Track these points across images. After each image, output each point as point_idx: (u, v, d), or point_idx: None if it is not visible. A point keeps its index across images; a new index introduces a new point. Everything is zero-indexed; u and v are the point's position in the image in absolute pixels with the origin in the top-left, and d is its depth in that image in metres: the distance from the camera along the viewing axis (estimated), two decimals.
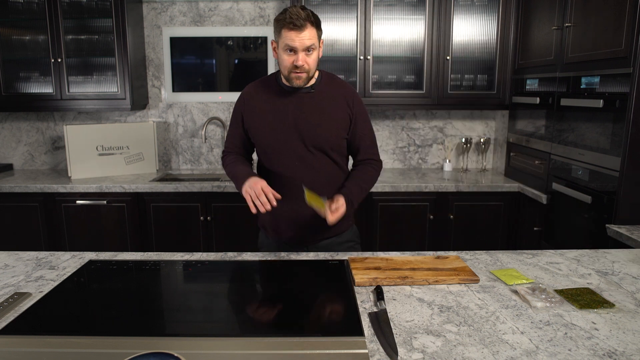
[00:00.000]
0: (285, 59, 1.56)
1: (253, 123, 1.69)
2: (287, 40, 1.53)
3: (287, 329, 1.11)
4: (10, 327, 1.09)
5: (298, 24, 1.50)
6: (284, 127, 1.65)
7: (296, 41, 1.52)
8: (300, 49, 1.53)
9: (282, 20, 1.53)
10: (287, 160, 1.66)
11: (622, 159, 1.93)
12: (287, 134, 1.64)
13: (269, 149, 1.69)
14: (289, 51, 1.54)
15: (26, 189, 2.81)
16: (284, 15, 1.52)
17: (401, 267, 1.42)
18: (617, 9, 1.95)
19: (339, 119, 1.68)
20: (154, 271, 1.45)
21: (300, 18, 1.50)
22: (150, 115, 3.38)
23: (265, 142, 1.68)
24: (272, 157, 1.69)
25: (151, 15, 3.26)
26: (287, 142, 1.65)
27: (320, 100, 1.67)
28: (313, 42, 1.54)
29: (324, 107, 1.67)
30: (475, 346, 1.02)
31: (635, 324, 1.11)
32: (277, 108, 1.66)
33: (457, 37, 2.97)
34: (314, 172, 1.66)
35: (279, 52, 1.59)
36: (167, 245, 2.88)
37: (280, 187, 1.61)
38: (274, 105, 1.67)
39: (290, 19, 1.50)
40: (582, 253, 1.60)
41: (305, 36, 1.52)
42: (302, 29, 1.51)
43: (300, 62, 1.54)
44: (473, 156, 3.42)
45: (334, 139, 1.68)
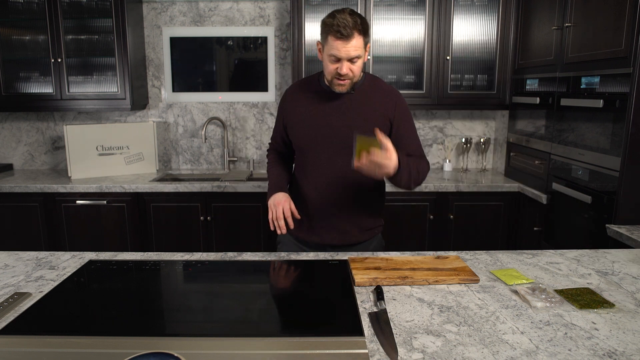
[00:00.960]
0: (329, 65, 1.54)
1: (290, 122, 1.71)
2: (333, 49, 1.50)
3: (287, 329, 1.11)
4: (10, 327, 1.09)
5: (345, 33, 1.46)
6: (318, 127, 1.64)
7: (342, 51, 1.49)
8: (345, 59, 1.50)
9: (329, 26, 1.48)
10: (323, 161, 1.66)
11: (622, 159, 1.93)
12: (320, 134, 1.64)
13: (304, 148, 1.70)
14: (334, 59, 1.52)
15: (26, 189, 2.81)
16: (331, 21, 1.48)
17: (401, 267, 1.42)
18: (617, 9, 1.95)
19: (375, 122, 1.62)
20: (154, 271, 1.45)
21: (348, 27, 1.45)
22: (150, 115, 3.38)
23: (300, 141, 1.70)
24: (307, 156, 1.70)
25: (151, 15, 3.26)
26: (320, 142, 1.65)
27: (360, 103, 1.64)
28: (359, 52, 1.51)
29: (362, 109, 1.64)
30: (475, 346, 1.02)
31: (635, 324, 1.11)
32: (315, 108, 1.66)
33: (457, 37, 2.97)
34: (342, 174, 1.65)
35: (324, 57, 1.56)
36: (167, 245, 2.88)
37: (314, 186, 1.68)
38: (312, 105, 1.67)
39: (338, 27, 1.45)
40: (582, 253, 1.60)
41: (351, 47, 1.48)
42: (349, 39, 1.47)
43: (344, 70, 1.52)
44: (473, 156, 3.42)
45: None
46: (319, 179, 1.69)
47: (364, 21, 1.51)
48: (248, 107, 3.37)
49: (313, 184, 1.70)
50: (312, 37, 2.97)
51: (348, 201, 1.69)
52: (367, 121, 1.63)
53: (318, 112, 1.65)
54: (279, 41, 3.28)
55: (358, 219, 1.73)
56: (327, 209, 1.69)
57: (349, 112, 1.64)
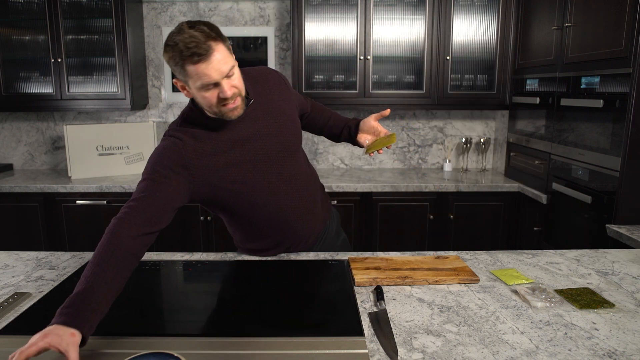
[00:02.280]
0: (207, 96, 1.21)
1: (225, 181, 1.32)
2: (200, 78, 1.17)
3: (287, 329, 1.11)
4: (10, 327, 1.09)
5: (202, 51, 1.14)
6: (252, 158, 1.35)
7: (212, 73, 1.16)
8: (220, 79, 1.18)
9: (177, 55, 1.15)
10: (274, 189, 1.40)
11: (622, 159, 1.93)
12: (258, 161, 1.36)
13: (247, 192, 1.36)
14: (209, 87, 1.19)
15: (26, 189, 2.81)
16: (175, 49, 1.14)
17: (401, 267, 1.42)
18: (617, 9, 1.95)
19: (290, 111, 1.47)
20: (154, 271, 1.45)
21: (200, 43, 1.13)
22: (150, 115, 3.38)
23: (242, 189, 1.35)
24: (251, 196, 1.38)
25: (151, 15, 3.26)
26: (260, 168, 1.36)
27: (263, 105, 1.40)
28: (229, 62, 1.19)
29: (272, 109, 1.41)
30: (475, 346, 1.02)
31: (635, 324, 1.11)
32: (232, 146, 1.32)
33: (457, 37, 2.97)
34: (296, 180, 1.46)
35: (194, 93, 1.23)
36: (167, 245, 2.88)
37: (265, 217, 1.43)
38: (226, 146, 1.32)
39: (189, 50, 1.13)
40: (582, 253, 1.60)
41: (217, 63, 1.16)
42: (209, 56, 1.15)
43: (228, 92, 1.20)
44: (473, 156, 3.42)
45: (298, 133, 1.49)
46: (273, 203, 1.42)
47: (210, 25, 1.18)
48: None
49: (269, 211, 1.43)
50: (312, 37, 2.97)
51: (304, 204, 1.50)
52: (286, 120, 1.44)
53: (238, 146, 1.33)
54: (279, 41, 3.28)
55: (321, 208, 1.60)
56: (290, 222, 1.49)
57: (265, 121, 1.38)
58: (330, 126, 1.69)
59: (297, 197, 1.47)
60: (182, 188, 1.27)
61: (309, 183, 1.53)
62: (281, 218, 1.46)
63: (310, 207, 1.53)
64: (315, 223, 1.58)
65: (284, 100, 1.46)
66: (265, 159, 1.37)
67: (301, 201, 1.48)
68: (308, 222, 1.54)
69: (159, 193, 1.23)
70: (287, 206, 1.45)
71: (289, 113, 1.46)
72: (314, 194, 1.55)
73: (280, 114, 1.42)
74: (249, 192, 1.37)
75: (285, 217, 1.46)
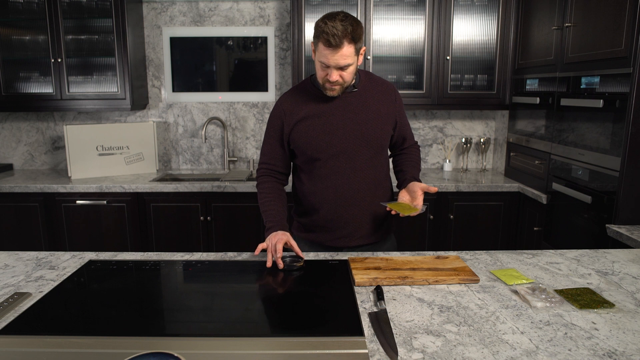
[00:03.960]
0: (320, 70, 1.52)
1: (299, 132, 1.62)
2: (321, 56, 1.47)
3: (287, 329, 1.11)
4: (10, 327, 1.09)
5: (334, 42, 1.41)
6: (333, 128, 1.60)
7: (330, 60, 1.46)
8: (334, 67, 1.47)
9: (319, 31, 1.45)
10: (335, 162, 1.62)
11: (622, 159, 1.93)
12: (337, 135, 1.60)
13: (318, 154, 1.61)
14: (324, 65, 1.49)
15: (26, 189, 2.81)
16: (321, 27, 1.44)
17: (401, 267, 1.42)
18: (617, 9, 1.95)
19: (384, 115, 1.66)
20: (154, 271, 1.45)
21: (337, 36, 1.40)
22: (150, 115, 3.38)
23: (315, 147, 1.61)
24: (319, 163, 1.63)
25: (151, 15, 3.26)
26: (337, 143, 1.60)
27: (365, 99, 1.64)
28: (348, 60, 1.47)
29: (370, 105, 1.64)
30: (475, 346, 1.02)
31: (635, 324, 1.11)
32: (323, 112, 1.60)
33: (457, 37, 2.97)
34: (361, 171, 1.64)
35: (316, 62, 1.53)
36: (167, 245, 2.88)
37: (328, 192, 1.63)
38: (318, 109, 1.61)
39: (327, 36, 1.41)
40: (582, 253, 1.60)
41: (340, 56, 1.44)
42: (337, 49, 1.43)
43: (333, 78, 1.49)
44: (473, 156, 3.42)
45: (382, 136, 1.66)
46: (337, 180, 1.63)
47: (356, 27, 1.45)
48: (248, 107, 3.37)
49: (331, 186, 1.64)
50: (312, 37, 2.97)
51: (368, 197, 1.66)
52: (377, 116, 1.64)
53: (326, 115, 1.60)
54: (279, 41, 3.28)
55: (377, 218, 1.72)
56: (348, 208, 1.65)
57: (359, 109, 1.62)
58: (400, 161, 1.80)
59: (355, 187, 1.63)
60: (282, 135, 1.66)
61: (373, 187, 1.67)
62: (333, 197, 1.64)
63: (364, 206, 1.66)
64: (361, 227, 1.68)
65: (386, 106, 1.67)
66: (340, 134, 1.60)
67: (358, 194, 1.64)
68: (354, 219, 1.67)
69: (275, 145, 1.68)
70: (343, 189, 1.63)
71: (382, 115, 1.66)
72: (371, 199, 1.67)
73: (374, 111, 1.64)
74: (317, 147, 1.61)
75: (337, 198, 1.63)
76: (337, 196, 1.64)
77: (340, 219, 1.66)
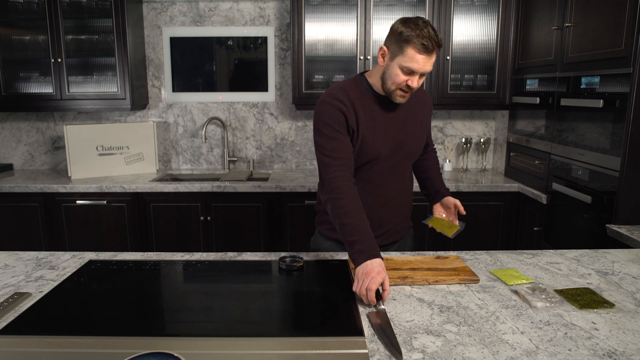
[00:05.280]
0: (400, 76, 1.45)
1: (365, 130, 1.55)
2: (411, 61, 1.41)
3: (287, 329, 1.11)
4: (10, 327, 1.09)
5: (431, 47, 1.39)
6: (382, 135, 1.57)
7: (421, 66, 1.42)
8: (421, 72, 1.44)
9: (411, 36, 1.39)
10: (377, 168, 1.60)
11: (622, 159, 1.93)
12: (381, 142, 1.57)
13: (364, 158, 1.57)
14: (407, 71, 1.43)
15: (26, 189, 2.81)
16: (414, 32, 1.39)
17: (401, 267, 1.42)
18: (617, 9, 1.95)
19: (424, 125, 1.69)
20: (154, 271, 1.45)
21: (433, 42, 1.39)
22: (150, 115, 3.38)
23: (377, 150, 1.56)
24: (363, 165, 1.60)
25: (151, 15, 3.26)
26: (380, 149, 1.57)
27: (410, 109, 1.63)
28: (430, 68, 1.46)
29: (414, 116, 1.65)
30: (475, 346, 1.02)
31: (635, 324, 1.11)
32: (377, 117, 1.57)
33: (457, 37, 2.97)
34: (399, 178, 1.66)
35: (392, 65, 1.46)
36: (167, 245, 2.88)
37: (366, 196, 1.59)
38: (370, 112, 1.56)
39: (422, 41, 1.38)
40: (582, 253, 1.60)
41: (430, 63, 1.43)
42: (431, 54, 1.41)
43: (415, 84, 1.46)
44: (473, 156, 3.42)
45: (421, 146, 1.69)
46: (374, 184, 1.62)
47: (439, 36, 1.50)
48: (248, 107, 3.37)
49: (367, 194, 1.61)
50: (312, 37, 2.97)
51: (398, 201, 1.69)
52: (418, 127, 1.66)
53: (377, 118, 1.57)
54: (279, 41, 3.28)
55: (405, 216, 1.76)
56: (380, 215, 1.65)
57: (404, 119, 1.62)
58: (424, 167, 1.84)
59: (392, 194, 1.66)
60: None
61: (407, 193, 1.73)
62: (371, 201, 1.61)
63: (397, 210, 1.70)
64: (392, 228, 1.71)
65: (424, 116, 1.70)
66: (388, 142, 1.58)
67: (394, 200, 1.67)
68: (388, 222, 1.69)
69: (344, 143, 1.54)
70: (381, 194, 1.63)
71: (423, 126, 1.69)
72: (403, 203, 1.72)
73: (417, 122, 1.66)
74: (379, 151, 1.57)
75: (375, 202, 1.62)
76: (375, 201, 1.62)
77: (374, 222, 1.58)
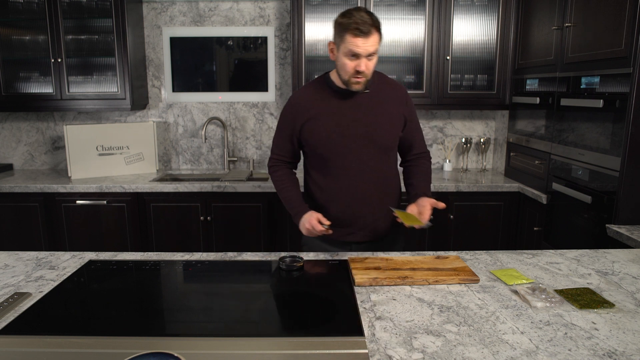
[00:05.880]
0: (348, 63, 1.54)
1: (309, 128, 1.66)
2: (351, 46, 1.51)
3: (287, 329, 1.11)
4: (10, 327, 1.09)
5: (365, 30, 1.48)
6: (342, 128, 1.63)
7: (361, 48, 1.50)
8: (364, 55, 1.52)
9: (346, 24, 1.50)
10: (344, 161, 1.65)
11: (622, 159, 1.93)
12: (346, 135, 1.63)
13: (328, 150, 1.65)
14: (352, 56, 1.53)
15: (26, 189, 2.81)
16: (348, 20, 1.49)
17: (401, 267, 1.42)
18: (616, 9, 1.95)
19: (394, 118, 1.69)
20: (154, 271, 1.45)
21: (366, 24, 1.48)
22: (150, 115, 3.38)
23: (325, 143, 1.65)
24: (330, 159, 1.66)
25: (151, 15, 3.25)
26: (346, 143, 1.64)
27: (376, 100, 1.67)
28: (376, 47, 1.54)
29: (380, 107, 1.67)
30: (475, 346, 1.02)
31: (635, 324, 1.11)
32: (334, 110, 1.64)
33: (457, 37, 2.97)
34: (369, 172, 1.68)
35: (339, 56, 1.56)
36: (167, 245, 2.88)
37: (338, 186, 1.67)
38: (330, 107, 1.65)
39: (357, 25, 1.47)
40: (582, 253, 1.60)
41: (369, 43, 1.51)
42: (368, 36, 1.49)
43: (362, 67, 1.53)
44: (473, 156, 3.42)
45: (391, 138, 1.70)
46: (346, 179, 1.67)
47: (378, 19, 1.56)
48: (248, 107, 3.37)
49: (340, 186, 1.68)
50: (312, 37, 2.97)
51: (376, 196, 1.70)
52: (386, 118, 1.67)
53: (338, 112, 1.64)
54: (279, 41, 3.28)
55: (385, 212, 1.73)
56: (357, 207, 1.69)
57: (369, 110, 1.66)
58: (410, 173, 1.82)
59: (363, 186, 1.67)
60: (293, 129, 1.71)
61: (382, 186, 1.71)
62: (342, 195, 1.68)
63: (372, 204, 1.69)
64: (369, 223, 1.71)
65: (395, 107, 1.70)
66: (349, 134, 1.63)
67: (366, 192, 1.68)
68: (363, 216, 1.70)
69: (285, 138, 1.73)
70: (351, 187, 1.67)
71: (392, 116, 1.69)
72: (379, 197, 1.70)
73: (383, 112, 1.67)
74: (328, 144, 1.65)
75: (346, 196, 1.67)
76: (346, 194, 1.68)
77: (349, 216, 1.70)
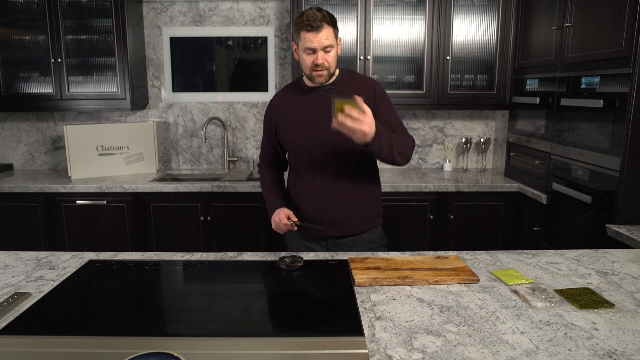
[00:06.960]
0: (306, 59, 1.64)
1: (281, 125, 1.77)
2: (306, 41, 1.61)
3: (287, 329, 1.11)
4: (10, 327, 1.09)
5: (315, 25, 1.58)
6: (308, 123, 1.71)
7: (314, 42, 1.60)
8: (319, 48, 1.61)
9: (299, 22, 1.61)
10: (314, 155, 1.72)
11: (622, 159, 1.93)
12: (312, 130, 1.70)
13: (296, 147, 1.75)
14: (309, 51, 1.62)
15: (26, 189, 2.81)
16: (301, 18, 1.61)
17: (401, 267, 1.42)
18: (616, 9, 1.95)
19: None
20: (154, 271, 1.45)
21: (316, 19, 1.58)
22: (150, 115, 3.38)
23: (293, 140, 1.74)
24: (300, 154, 1.75)
25: (151, 15, 3.25)
26: (313, 137, 1.70)
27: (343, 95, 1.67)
28: (330, 41, 1.62)
29: None
30: (475, 346, 1.02)
31: (635, 324, 1.11)
32: (301, 106, 1.74)
33: (457, 37, 2.97)
34: (339, 165, 1.71)
35: (300, 54, 1.67)
36: (167, 245, 2.88)
37: (308, 183, 1.74)
38: (298, 104, 1.75)
39: (308, 21, 1.58)
40: (582, 253, 1.60)
41: (322, 36, 1.60)
42: (319, 30, 1.59)
43: (320, 60, 1.62)
44: (473, 156, 3.42)
45: None
46: (316, 174, 1.73)
47: (331, 14, 1.64)
48: (248, 107, 3.37)
49: (311, 181, 1.74)
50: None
51: (347, 192, 1.73)
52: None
53: (307, 110, 1.73)
54: (279, 41, 3.28)
55: (358, 209, 1.76)
56: (327, 202, 1.72)
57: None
58: None
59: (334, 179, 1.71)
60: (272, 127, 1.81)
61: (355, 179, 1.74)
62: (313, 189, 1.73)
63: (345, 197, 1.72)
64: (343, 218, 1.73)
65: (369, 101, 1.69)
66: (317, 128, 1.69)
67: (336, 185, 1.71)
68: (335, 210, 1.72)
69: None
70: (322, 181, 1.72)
71: None
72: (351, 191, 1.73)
73: None
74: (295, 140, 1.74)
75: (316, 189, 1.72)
76: (317, 188, 1.73)
77: (321, 210, 1.73)
